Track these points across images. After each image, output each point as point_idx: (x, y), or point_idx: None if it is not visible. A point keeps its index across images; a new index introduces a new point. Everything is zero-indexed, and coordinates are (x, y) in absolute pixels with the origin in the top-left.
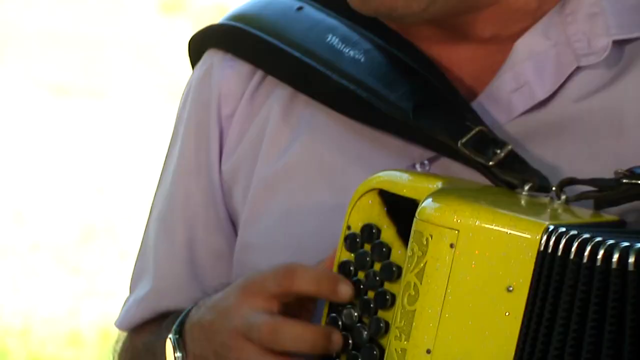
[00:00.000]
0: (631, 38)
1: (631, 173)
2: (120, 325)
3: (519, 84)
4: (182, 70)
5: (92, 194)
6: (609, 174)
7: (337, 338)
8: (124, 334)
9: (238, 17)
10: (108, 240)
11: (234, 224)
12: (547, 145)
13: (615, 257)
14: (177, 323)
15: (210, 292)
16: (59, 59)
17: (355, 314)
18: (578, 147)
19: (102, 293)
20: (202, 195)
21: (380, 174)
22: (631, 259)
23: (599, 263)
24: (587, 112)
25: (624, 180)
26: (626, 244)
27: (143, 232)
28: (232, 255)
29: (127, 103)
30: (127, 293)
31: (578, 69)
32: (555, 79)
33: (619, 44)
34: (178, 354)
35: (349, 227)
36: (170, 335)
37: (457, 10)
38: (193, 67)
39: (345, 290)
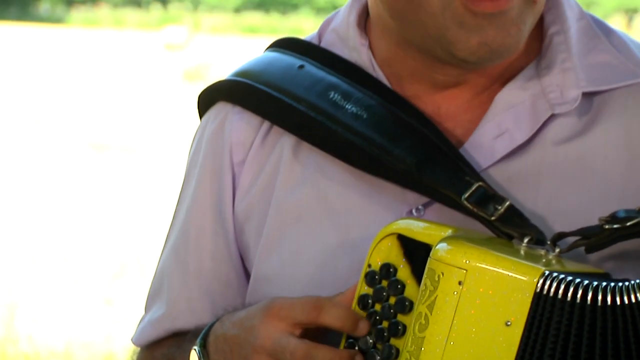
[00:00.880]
0: (598, 91)
1: (612, 218)
2: (136, 341)
3: (500, 131)
4: None
5: (124, 236)
6: (580, 214)
7: None
8: (139, 349)
9: (244, 73)
10: (137, 275)
11: (242, 258)
12: (527, 188)
13: (599, 295)
14: (201, 336)
15: (224, 312)
16: (99, 119)
17: (370, 340)
18: (554, 189)
19: (133, 321)
20: (213, 231)
21: (399, 221)
22: (608, 296)
23: (579, 300)
24: (562, 157)
25: (606, 227)
26: (610, 284)
27: (158, 260)
28: (239, 284)
29: (155, 156)
30: None
31: (553, 116)
32: (532, 125)
33: (589, 96)
34: None
35: (369, 266)
36: (195, 347)
37: None
38: (201, 116)
39: (363, 327)
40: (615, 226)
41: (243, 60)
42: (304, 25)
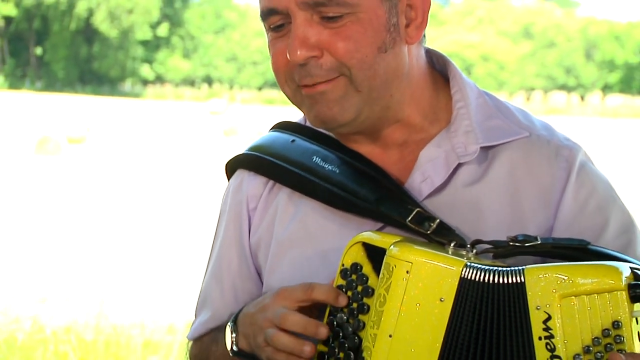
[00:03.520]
0: (491, 145)
1: (515, 238)
2: (191, 337)
3: (424, 177)
4: None
5: (179, 245)
6: (482, 239)
7: (323, 330)
8: (191, 343)
9: (255, 148)
10: (189, 271)
11: (259, 275)
12: (445, 218)
13: (495, 277)
14: (233, 317)
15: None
16: (165, 164)
17: (345, 317)
18: (462, 219)
19: (188, 302)
20: (239, 258)
21: (363, 233)
22: (512, 278)
23: (484, 281)
24: (468, 197)
25: (511, 243)
26: (501, 269)
27: (202, 281)
28: (259, 294)
29: (202, 189)
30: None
31: (460, 165)
32: (446, 171)
33: (485, 149)
34: (233, 334)
35: (343, 265)
36: (229, 323)
37: (375, 124)
38: (228, 179)
39: (342, 299)
40: (517, 244)
41: (263, 125)
42: None
